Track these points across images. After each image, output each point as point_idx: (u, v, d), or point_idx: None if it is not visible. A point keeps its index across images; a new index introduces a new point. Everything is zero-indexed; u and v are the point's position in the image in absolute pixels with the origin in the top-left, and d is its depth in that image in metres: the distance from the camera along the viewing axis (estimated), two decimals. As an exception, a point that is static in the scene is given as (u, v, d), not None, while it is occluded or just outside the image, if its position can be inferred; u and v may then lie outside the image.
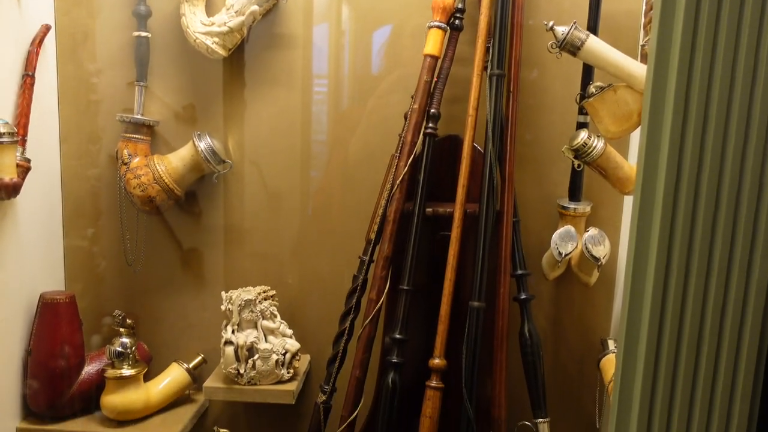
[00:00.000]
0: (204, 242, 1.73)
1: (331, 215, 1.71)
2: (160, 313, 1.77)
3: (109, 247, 1.73)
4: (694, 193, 0.96)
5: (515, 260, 1.49)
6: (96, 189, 1.72)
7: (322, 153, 1.72)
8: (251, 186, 1.71)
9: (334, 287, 1.72)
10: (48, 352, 1.55)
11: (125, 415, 1.59)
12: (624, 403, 1.06)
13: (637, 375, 1.04)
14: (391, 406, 1.42)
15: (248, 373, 1.54)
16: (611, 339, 1.55)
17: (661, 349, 1.03)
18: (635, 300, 1.03)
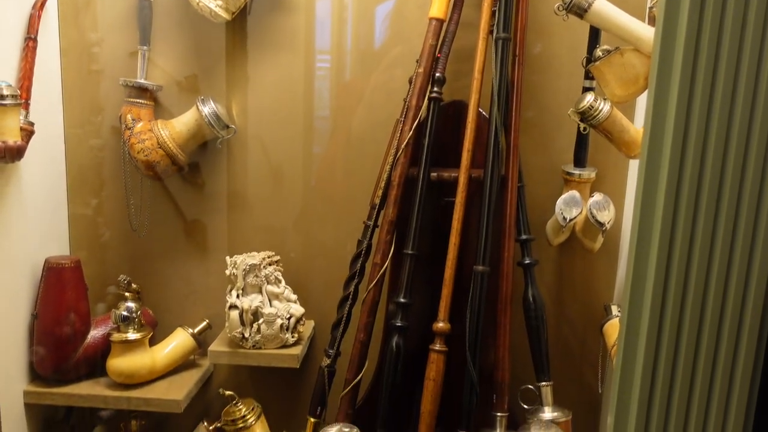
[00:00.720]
0: (208, 209, 1.73)
1: (335, 182, 1.71)
2: (164, 279, 1.77)
3: (114, 213, 1.73)
4: (700, 156, 0.96)
5: (520, 225, 1.49)
6: (100, 154, 1.72)
7: (326, 121, 1.71)
8: (255, 153, 1.71)
9: (338, 254, 1.72)
10: (54, 317, 1.56)
11: (131, 379, 1.60)
12: (627, 368, 1.06)
13: (641, 339, 1.05)
14: (395, 369, 1.43)
15: (253, 337, 1.55)
16: (614, 304, 1.55)
17: (665, 314, 1.03)
18: (640, 264, 1.03)
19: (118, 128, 1.67)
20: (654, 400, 1.05)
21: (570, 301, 1.67)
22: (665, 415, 1.05)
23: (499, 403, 1.45)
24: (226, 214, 1.74)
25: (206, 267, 1.76)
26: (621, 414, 1.07)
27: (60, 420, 1.71)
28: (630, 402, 1.07)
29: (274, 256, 1.62)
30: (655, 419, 1.05)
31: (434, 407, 1.41)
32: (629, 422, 1.07)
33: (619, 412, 1.07)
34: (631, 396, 1.07)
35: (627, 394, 1.07)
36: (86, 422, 1.85)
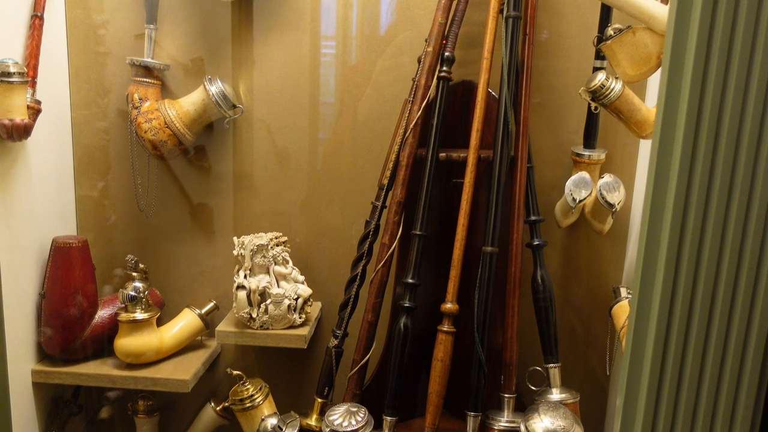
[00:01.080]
0: (215, 190, 1.72)
1: (342, 163, 1.70)
2: (172, 260, 1.77)
3: (121, 194, 1.73)
4: (714, 136, 0.94)
5: (529, 206, 1.48)
6: (106, 135, 1.71)
7: (333, 102, 1.69)
8: (261, 134, 1.70)
9: (345, 235, 1.72)
10: (61, 296, 1.56)
11: (138, 359, 1.60)
12: (637, 350, 1.06)
13: (651, 321, 1.04)
14: (403, 349, 1.43)
15: (260, 317, 1.55)
16: (623, 287, 1.55)
17: (675, 296, 1.02)
18: (651, 246, 1.02)
19: (124, 109, 1.66)
20: (664, 382, 1.04)
21: (578, 283, 1.67)
22: (675, 397, 1.05)
23: (507, 385, 1.44)
24: (233, 195, 1.73)
25: (213, 248, 1.75)
26: (630, 396, 1.07)
27: (68, 399, 1.72)
28: (639, 384, 1.06)
29: (282, 236, 1.62)
30: (664, 402, 1.05)
31: (442, 388, 1.40)
32: (638, 405, 1.07)
33: (629, 394, 1.06)
34: (641, 378, 1.06)
35: (636, 377, 1.06)
36: (93, 403, 1.86)
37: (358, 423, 1.28)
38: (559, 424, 1.22)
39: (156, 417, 1.76)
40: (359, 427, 1.27)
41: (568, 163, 1.58)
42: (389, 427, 1.43)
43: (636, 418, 1.07)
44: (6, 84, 1.34)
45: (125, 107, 1.65)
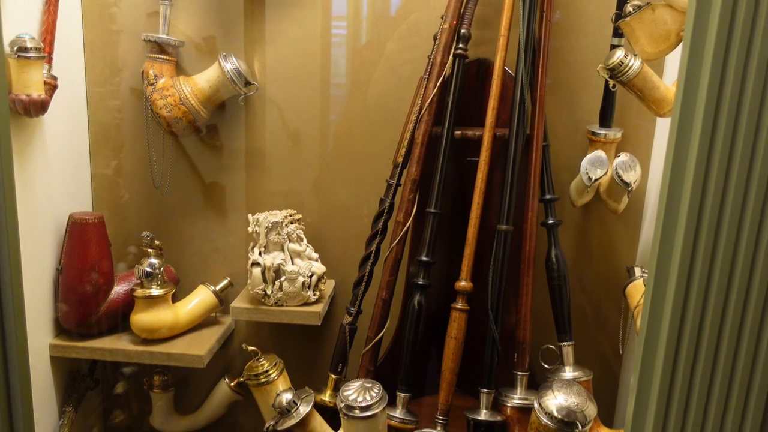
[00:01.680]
0: (229, 167, 1.73)
1: (355, 142, 1.69)
2: (186, 237, 1.78)
3: (136, 171, 1.73)
4: (735, 114, 0.94)
5: (544, 185, 1.48)
6: (121, 112, 1.71)
7: (347, 79, 1.69)
8: (274, 112, 1.70)
9: (358, 215, 1.72)
10: (78, 271, 1.57)
11: (154, 334, 1.62)
12: (652, 329, 1.06)
13: (667, 300, 1.04)
14: (416, 326, 1.43)
15: (275, 294, 1.56)
16: (637, 266, 1.54)
17: (692, 275, 1.02)
18: (668, 224, 1.02)
19: (140, 86, 1.66)
20: (679, 361, 1.04)
21: (591, 262, 1.67)
22: (689, 376, 1.05)
23: (520, 362, 1.45)
24: (247, 173, 1.74)
25: (227, 225, 1.76)
26: (645, 375, 1.07)
27: (84, 374, 1.74)
28: (654, 363, 1.06)
29: (296, 214, 1.62)
30: (679, 380, 1.05)
31: (455, 365, 1.41)
32: (653, 383, 1.07)
33: (643, 372, 1.07)
34: (655, 357, 1.06)
35: (651, 355, 1.07)
36: (109, 378, 1.88)
37: (373, 398, 1.29)
38: (572, 401, 1.22)
39: (171, 392, 1.78)
40: (373, 403, 1.28)
41: (583, 143, 1.58)
42: (402, 404, 1.44)
43: (650, 397, 1.08)
44: (23, 59, 1.34)
45: (140, 85, 1.65)
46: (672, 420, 1.07)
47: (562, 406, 1.21)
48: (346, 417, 1.29)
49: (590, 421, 1.22)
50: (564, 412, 1.21)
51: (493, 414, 1.41)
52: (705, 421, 1.08)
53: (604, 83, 1.51)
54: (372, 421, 1.29)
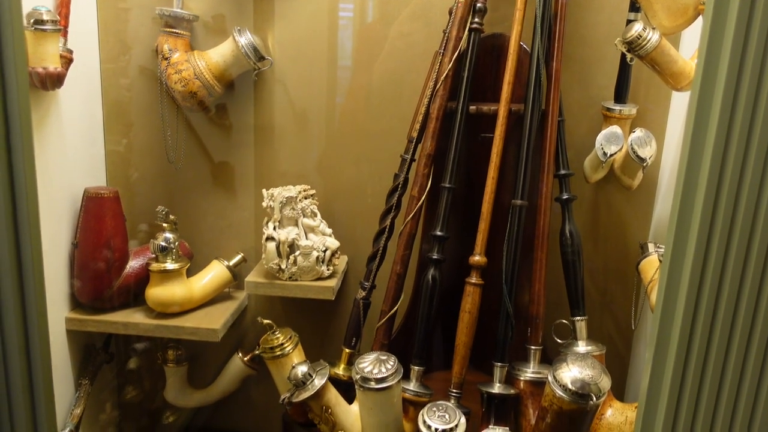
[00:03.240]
0: (243, 143, 1.73)
1: (370, 117, 1.69)
2: (200, 213, 1.79)
3: (150, 146, 1.74)
4: (755, 88, 0.93)
5: (558, 160, 1.48)
6: (136, 86, 1.71)
7: (359, 55, 1.68)
8: (287, 87, 1.69)
9: (371, 191, 1.72)
10: (93, 245, 1.58)
11: (169, 308, 1.63)
12: (668, 304, 1.06)
13: (684, 275, 1.04)
14: (431, 301, 1.44)
15: (289, 268, 1.57)
16: (651, 242, 1.54)
17: (710, 250, 1.02)
18: (686, 199, 1.02)
19: (153, 61, 1.66)
20: (694, 336, 1.05)
21: (604, 238, 1.67)
22: (705, 351, 1.05)
23: (534, 337, 1.46)
24: (260, 149, 1.74)
25: (241, 201, 1.77)
26: (660, 350, 1.07)
27: (99, 348, 1.75)
28: (669, 338, 1.07)
29: (310, 189, 1.63)
30: (694, 355, 1.05)
31: (469, 339, 1.42)
32: (668, 358, 1.07)
33: (658, 347, 1.07)
34: (671, 332, 1.07)
35: (666, 330, 1.07)
36: (122, 354, 1.90)
37: (388, 371, 1.30)
38: (587, 374, 1.23)
39: (185, 366, 1.79)
40: (389, 375, 1.29)
41: (598, 118, 1.57)
42: (416, 377, 1.45)
43: (665, 371, 1.08)
44: (39, 32, 1.34)
45: (154, 59, 1.65)
46: (686, 394, 1.08)
47: (577, 378, 1.22)
48: (362, 389, 1.30)
49: (604, 393, 1.23)
50: (578, 384, 1.21)
51: (507, 387, 1.42)
52: (719, 396, 1.09)
53: (619, 59, 1.51)
54: (387, 392, 1.30)
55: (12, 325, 1.16)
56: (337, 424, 1.40)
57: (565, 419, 1.24)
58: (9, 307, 1.15)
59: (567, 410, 1.23)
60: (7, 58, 1.03)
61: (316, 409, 1.40)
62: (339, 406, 1.41)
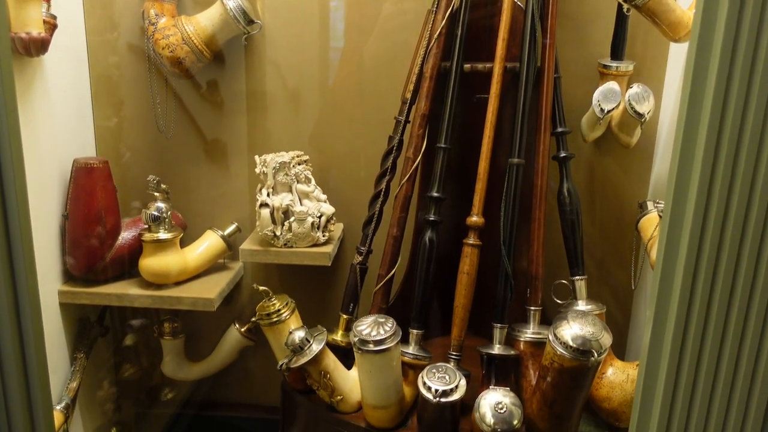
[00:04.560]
0: (234, 110, 1.70)
1: (362, 80, 1.67)
2: (192, 183, 1.76)
3: (139, 115, 1.71)
4: (756, 36, 0.91)
5: (555, 118, 1.45)
6: (123, 54, 1.68)
7: (351, 15, 1.65)
8: (276, 52, 1.66)
9: (365, 157, 1.70)
10: (84, 217, 1.56)
11: (163, 279, 1.61)
12: (669, 260, 1.04)
13: (684, 230, 1.02)
14: (428, 263, 1.42)
15: (284, 235, 1.55)
16: (650, 200, 1.53)
17: (710, 203, 1.00)
18: (686, 153, 1.00)
19: (140, 29, 1.63)
20: (696, 291, 1.03)
21: (602, 198, 1.65)
22: (707, 306, 1.04)
23: (533, 298, 1.44)
24: (251, 115, 1.71)
25: (234, 170, 1.74)
26: (661, 305, 1.06)
27: (94, 321, 1.73)
28: (671, 294, 1.05)
29: (303, 155, 1.60)
30: (696, 311, 1.04)
31: (468, 301, 1.40)
32: (669, 314, 1.06)
33: (660, 303, 1.06)
34: (672, 288, 1.05)
35: (667, 287, 1.05)
36: (117, 332, 1.88)
37: (386, 332, 1.28)
38: (588, 330, 1.21)
39: (181, 339, 1.78)
40: (387, 337, 1.28)
41: (594, 77, 1.55)
42: (415, 340, 1.43)
43: (666, 327, 1.07)
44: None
45: (141, 28, 1.61)
46: (688, 351, 1.07)
47: (578, 335, 1.20)
48: (360, 351, 1.28)
49: (605, 350, 1.21)
50: (579, 341, 1.20)
51: (507, 348, 1.40)
52: (721, 352, 1.07)
53: (615, 13, 1.48)
54: (386, 355, 1.28)
55: (2, 297, 1.14)
56: (336, 389, 1.39)
57: (566, 377, 1.23)
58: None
59: (568, 368, 1.22)
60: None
61: (315, 374, 1.38)
62: (337, 371, 1.40)
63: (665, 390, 1.09)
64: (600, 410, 1.37)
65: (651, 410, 1.12)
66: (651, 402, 1.11)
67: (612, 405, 1.35)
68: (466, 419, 1.36)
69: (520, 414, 1.28)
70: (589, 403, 1.38)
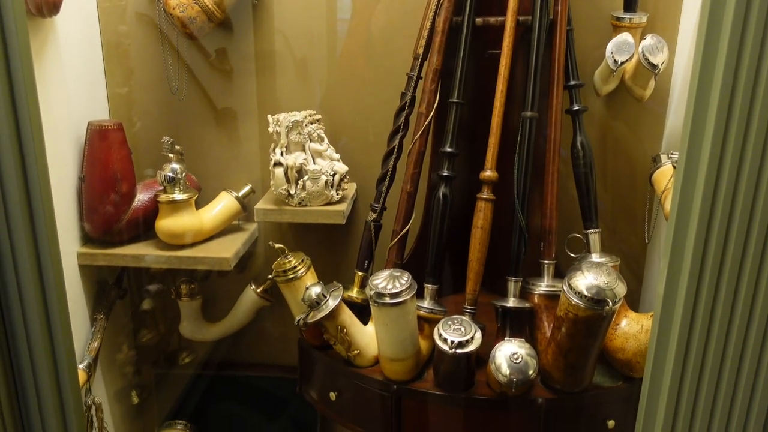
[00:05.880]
0: (245, 70, 1.70)
1: (373, 38, 1.66)
2: (206, 145, 1.77)
3: (152, 77, 1.71)
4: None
5: (568, 71, 1.45)
6: (134, 16, 1.68)
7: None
8: (288, 11, 1.66)
9: (377, 116, 1.70)
10: (100, 179, 1.57)
11: (180, 239, 1.63)
12: (683, 209, 1.05)
13: (699, 178, 1.03)
14: (442, 219, 1.42)
15: (298, 194, 1.56)
16: (664, 153, 1.52)
17: (725, 152, 1.00)
18: (701, 102, 1.00)
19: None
20: (710, 239, 1.04)
21: (616, 152, 1.65)
22: (721, 253, 1.04)
23: (547, 251, 1.45)
24: (263, 76, 1.71)
25: (246, 131, 1.75)
26: (676, 254, 1.06)
27: (113, 283, 1.76)
28: (685, 243, 1.06)
29: (316, 114, 1.61)
30: (710, 259, 1.04)
31: (482, 255, 1.41)
32: (683, 265, 1.07)
33: (674, 253, 1.06)
34: (687, 237, 1.06)
35: (682, 237, 1.06)
36: (135, 297, 1.91)
37: (402, 285, 1.29)
38: (602, 280, 1.22)
39: (198, 300, 1.80)
40: (403, 290, 1.29)
41: (607, 29, 1.53)
42: (431, 295, 1.45)
43: (680, 278, 1.07)
44: (32, -45, 1.31)
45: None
46: (702, 300, 1.07)
47: (592, 285, 1.21)
48: (376, 305, 1.30)
49: (620, 299, 1.22)
50: (594, 291, 1.21)
51: (521, 301, 1.41)
52: (735, 300, 1.08)
53: (629, -37, 1.46)
54: (402, 308, 1.30)
55: (25, 258, 1.16)
56: (352, 343, 1.41)
57: (581, 327, 1.24)
58: (21, 241, 1.15)
59: (583, 317, 1.23)
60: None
61: (332, 329, 1.40)
62: (354, 326, 1.42)
63: (679, 338, 1.09)
64: (614, 361, 1.39)
65: (665, 359, 1.13)
66: (665, 351, 1.12)
67: (626, 355, 1.36)
68: (481, 372, 1.38)
69: (535, 364, 1.30)
70: (603, 355, 1.40)
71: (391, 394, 1.38)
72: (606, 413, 1.37)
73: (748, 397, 1.12)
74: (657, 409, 1.15)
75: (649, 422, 1.16)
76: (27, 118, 1.12)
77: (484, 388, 1.36)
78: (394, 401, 1.38)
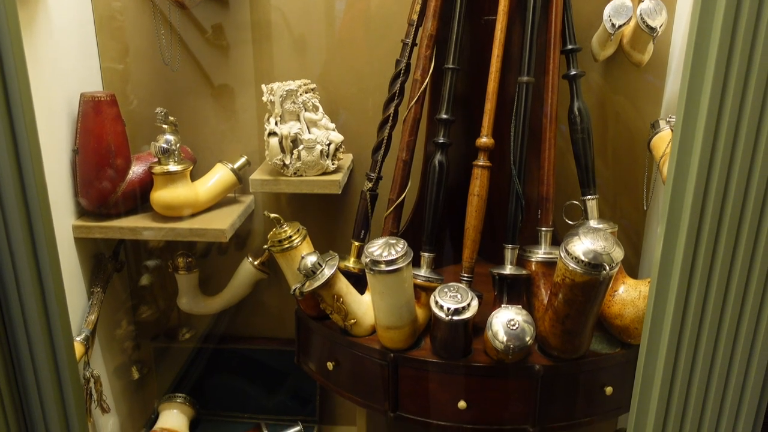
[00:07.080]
0: (240, 40, 1.68)
1: (368, 5, 1.64)
2: (201, 117, 1.75)
3: (144, 48, 1.69)
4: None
5: (565, 35, 1.42)
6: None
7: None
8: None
9: (372, 85, 1.68)
10: (94, 150, 1.56)
11: (175, 211, 1.62)
12: (680, 174, 1.04)
13: (696, 141, 1.02)
14: (438, 186, 1.41)
15: (294, 164, 1.54)
16: (662, 119, 1.50)
17: (722, 116, 0.99)
18: (697, 65, 0.98)
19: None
20: (707, 205, 1.03)
21: (615, 118, 1.63)
22: (718, 218, 1.04)
23: (544, 219, 1.44)
24: (257, 46, 1.69)
25: (242, 102, 1.73)
26: (672, 222, 1.05)
27: (109, 256, 1.75)
28: (682, 209, 1.05)
29: (310, 83, 1.59)
30: (707, 223, 1.04)
31: (479, 222, 1.40)
32: (680, 230, 1.06)
33: (671, 218, 1.05)
34: (683, 203, 1.05)
35: (679, 201, 1.05)
36: (132, 273, 1.90)
37: (398, 253, 1.28)
38: (599, 245, 1.21)
39: (195, 273, 1.80)
40: (399, 257, 1.28)
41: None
42: (427, 264, 1.44)
43: (677, 243, 1.06)
44: None
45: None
46: (699, 265, 1.07)
47: (589, 249, 1.20)
48: (372, 272, 1.29)
49: (617, 264, 1.21)
50: (591, 256, 1.20)
51: (518, 269, 1.41)
52: (732, 265, 1.07)
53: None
54: (398, 275, 1.29)
55: (18, 232, 1.15)
56: (349, 313, 1.40)
57: (578, 292, 1.23)
58: (14, 215, 1.14)
59: (580, 283, 1.22)
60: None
61: (328, 299, 1.39)
62: (350, 295, 1.41)
63: (676, 303, 1.09)
64: (612, 327, 1.38)
65: (662, 325, 1.13)
66: (662, 317, 1.12)
67: (624, 322, 1.36)
68: (478, 339, 1.37)
69: (532, 331, 1.29)
70: (600, 322, 1.39)
71: (389, 363, 1.37)
72: (603, 380, 1.37)
73: (745, 362, 1.12)
74: (654, 376, 1.14)
75: (646, 389, 1.16)
76: (17, 90, 1.11)
77: (481, 355, 1.36)
78: (391, 370, 1.38)
